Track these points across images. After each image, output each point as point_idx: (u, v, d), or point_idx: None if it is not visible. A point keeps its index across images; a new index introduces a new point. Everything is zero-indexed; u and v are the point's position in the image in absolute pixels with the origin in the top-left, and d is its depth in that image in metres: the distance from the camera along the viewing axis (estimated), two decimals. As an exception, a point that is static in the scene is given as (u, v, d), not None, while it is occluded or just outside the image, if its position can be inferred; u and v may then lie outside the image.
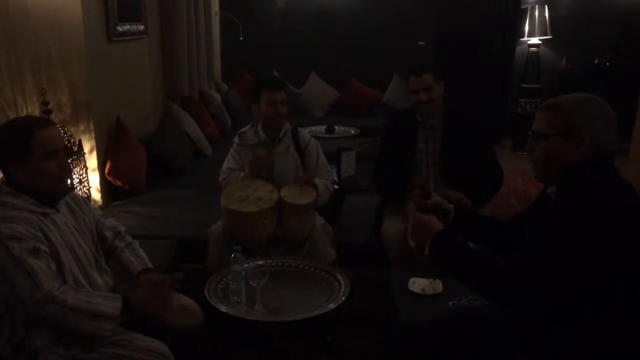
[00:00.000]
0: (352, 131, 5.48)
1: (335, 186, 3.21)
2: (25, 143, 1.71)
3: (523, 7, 6.34)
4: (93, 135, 3.25)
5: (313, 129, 5.38)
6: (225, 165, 2.92)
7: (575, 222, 1.45)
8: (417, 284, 2.32)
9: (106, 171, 3.38)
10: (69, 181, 2.24)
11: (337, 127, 5.52)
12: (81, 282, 1.81)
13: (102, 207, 3.31)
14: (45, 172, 1.74)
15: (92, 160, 3.28)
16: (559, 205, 1.56)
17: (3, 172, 1.77)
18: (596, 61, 6.38)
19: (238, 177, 2.82)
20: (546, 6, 6.22)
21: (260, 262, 2.47)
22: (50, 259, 1.69)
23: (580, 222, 1.45)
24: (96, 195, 3.34)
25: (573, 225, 1.45)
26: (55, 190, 1.83)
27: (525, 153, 1.70)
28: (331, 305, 2.18)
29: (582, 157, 1.53)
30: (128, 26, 3.72)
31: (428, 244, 1.70)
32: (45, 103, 2.91)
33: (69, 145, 2.93)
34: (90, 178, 3.23)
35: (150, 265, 2.07)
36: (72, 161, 2.93)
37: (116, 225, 2.15)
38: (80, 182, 3.08)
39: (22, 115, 2.82)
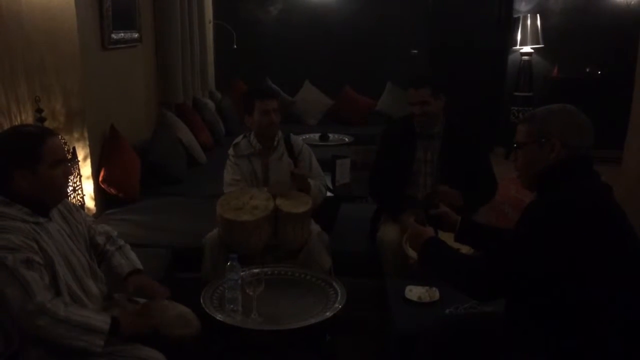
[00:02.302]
0: (346, 139, 5.49)
1: (330, 194, 3.21)
2: (37, 151, 1.71)
3: (515, 16, 6.40)
4: (87, 143, 3.23)
5: (307, 136, 5.38)
6: (228, 177, 2.89)
7: (537, 219, 1.58)
8: (414, 292, 2.32)
9: (100, 179, 3.36)
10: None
11: (331, 135, 5.53)
12: (76, 291, 1.79)
13: (95, 215, 3.29)
14: (54, 180, 1.75)
15: (86, 168, 3.26)
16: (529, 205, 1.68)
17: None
18: (587, 70, 6.44)
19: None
20: (538, 15, 6.29)
21: (256, 271, 2.46)
22: (43, 270, 1.67)
23: (540, 219, 1.57)
24: (90, 203, 3.32)
25: (534, 222, 1.58)
26: (58, 198, 1.83)
27: None
28: (327, 313, 2.17)
29: (556, 161, 1.66)
30: (122, 34, 3.71)
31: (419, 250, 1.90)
32: (39, 111, 2.90)
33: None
34: (84, 186, 3.21)
35: (139, 266, 2.07)
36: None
37: (108, 230, 2.15)
38: (74, 190, 3.06)
39: (17, 123, 2.80)
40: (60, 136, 2.83)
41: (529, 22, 6.26)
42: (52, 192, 1.78)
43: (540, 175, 1.69)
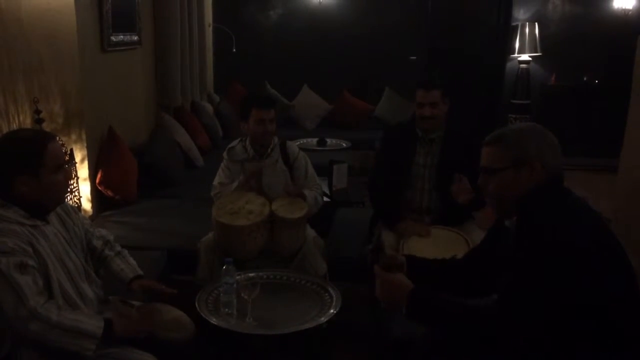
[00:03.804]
0: (344, 144, 5.50)
1: (327, 199, 3.22)
2: (39, 156, 1.71)
3: (514, 24, 6.42)
4: (85, 144, 3.23)
5: (304, 141, 5.38)
6: (216, 180, 2.92)
7: (544, 253, 1.47)
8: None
9: (97, 181, 3.36)
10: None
11: (328, 140, 5.53)
12: (70, 295, 1.79)
13: (92, 217, 3.29)
14: (56, 185, 1.75)
15: (83, 170, 3.26)
16: (524, 237, 1.56)
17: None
18: (585, 79, 6.47)
19: (230, 188, 2.82)
20: (536, 24, 6.32)
21: (251, 275, 2.47)
22: (37, 274, 1.67)
23: (549, 253, 1.46)
24: (87, 205, 3.32)
25: (543, 258, 1.46)
26: (58, 201, 1.84)
27: None
28: (322, 318, 2.18)
29: (535, 184, 1.57)
30: (122, 36, 3.72)
31: (404, 305, 1.63)
32: (37, 112, 2.89)
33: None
34: (81, 188, 3.21)
35: (140, 272, 2.08)
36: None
37: (105, 234, 2.15)
38: (71, 192, 3.06)
39: (15, 124, 2.81)
40: (58, 138, 2.85)
41: (527, 30, 6.29)
42: (53, 196, 1.79)
43: (520, 201, 1.59)
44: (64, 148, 3.00)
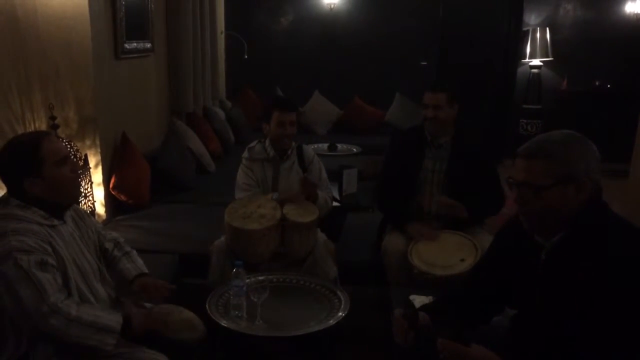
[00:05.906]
0: (354, 149, 5.52)
1: (337, 204, 3.24)
2: (36, 155, 1.75)
3: (525, 29, 6.42)
4: (99, 150, 3.29)
5: (315, 146, 5.40)
6: (240, 180, 2.92)
7: (623, 273, 1.40)
8: (417, 301, 2.33)
9: (111, 186, 3.41)
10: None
11: (339, 145, 5.57)
12: (85, 294, 1.83)
13: (106, 222, 3.34)
14: (62, 178, 1.78)
15: (97, 175, 3.32)
16: (581, 257, 1.47)
17: (12, 189, 1.79)
18: (597, 83, 6.45)
19: (260, 192, 2.86)
20: (547, 29, 6.31)
21: (261, 278, 2.49)
22: (56, 272, 1.72)
23: (625, 272, 1.39)
24: (100, 209, 3.37)
25: (624, 278, 1.39)
26: (73, 195, 1.88)
27: None
28: (331, 321, 2.19)
29: (583, 200, 1.47)
30: (135, 44, 3.79)
31: None
32: (52, 118, 2.96)
33: (75, 159, 2.97)
34: (95, 192, 3.27)
35: (145, 270, 2.11)
36: (77, 175, 2.97)
37: (116, 236, 2.19)
38: (85, 197, 3.11)
39: (31, 129, 2.87)
40: (72, 143, 2.91)
41: (538, 35, 6.28)
42: (65, 191, 1.82)
43: (569, 217, 1.49)
44: (78, 153, 3.05)
